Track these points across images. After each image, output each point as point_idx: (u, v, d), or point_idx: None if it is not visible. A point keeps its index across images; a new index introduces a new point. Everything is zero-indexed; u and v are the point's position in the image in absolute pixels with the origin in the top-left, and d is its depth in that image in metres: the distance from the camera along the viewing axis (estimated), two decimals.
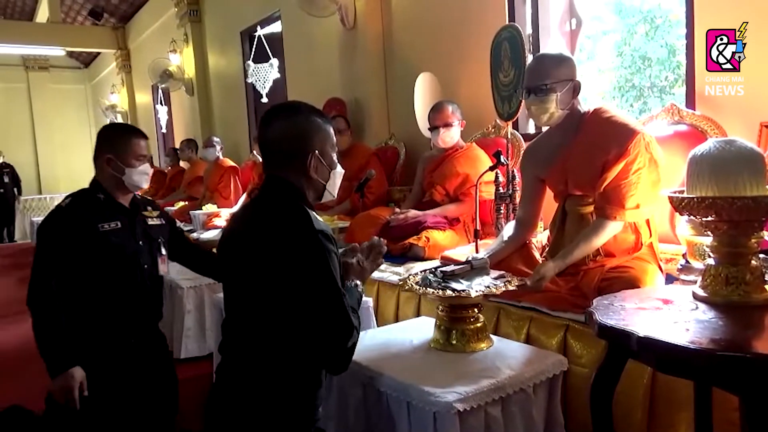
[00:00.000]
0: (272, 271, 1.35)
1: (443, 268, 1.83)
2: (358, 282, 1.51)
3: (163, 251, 2.06)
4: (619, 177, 1.92)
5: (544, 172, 2.18)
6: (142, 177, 2.01)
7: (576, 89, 2.01)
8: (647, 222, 2.04)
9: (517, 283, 1.82)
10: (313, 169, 1.45)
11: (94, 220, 1.90)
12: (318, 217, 1.40)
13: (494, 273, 1.87)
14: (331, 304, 1.32)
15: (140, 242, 1.98)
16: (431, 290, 1.72)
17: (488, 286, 1.74)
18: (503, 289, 1.75)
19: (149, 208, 2.11)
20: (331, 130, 1.50)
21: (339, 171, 1.54)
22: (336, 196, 1.59)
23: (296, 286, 1.32)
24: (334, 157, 1.52)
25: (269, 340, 1.38)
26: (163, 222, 2.11)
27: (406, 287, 1.81)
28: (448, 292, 1.70)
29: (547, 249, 2.23)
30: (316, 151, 1.44)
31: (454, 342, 1.73)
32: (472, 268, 1.82)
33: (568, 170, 2.07)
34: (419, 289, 1.75)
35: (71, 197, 1.96)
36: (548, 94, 1.97)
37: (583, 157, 2.01)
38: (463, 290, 1.70)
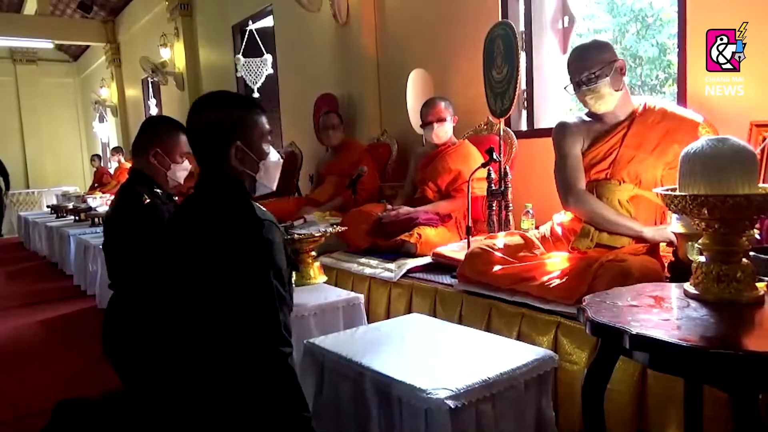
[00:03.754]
0: (211, 266, 1.30)
1: (284, 224, 2.45)
2: None
3: None
4: None
5: (586, 152, 2.17)
6: (183, 173, 2.07)
7: (622, 69, 2.06)
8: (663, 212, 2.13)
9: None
10: (237, 161, 1.40)
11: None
12: (260, 206, 1.36)
13: (324, 224, 2.61)
14: (263, 304, 1.27)
15: None
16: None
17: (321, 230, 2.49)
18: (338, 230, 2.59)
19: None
20: (261, 119, 1.45)
21: (273, 161, 1.48)
22: (274, 188, 1.54)
23: (233, 281, 1.27)
24: (265, 147, 1.47)
25: (215, 332, 1.31)
26: None
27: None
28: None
29: (587, 235, 2.13)
30: (239, 142, 1.40)
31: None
32: (305, 222, 2.59)
33: (620, 157, 2.09)
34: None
35: (145, 193, 1.94)
36: (599, 81, 2.02)
37: (645, 147, 2.07)
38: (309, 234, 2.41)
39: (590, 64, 2.03)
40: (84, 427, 1.64)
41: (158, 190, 2.00)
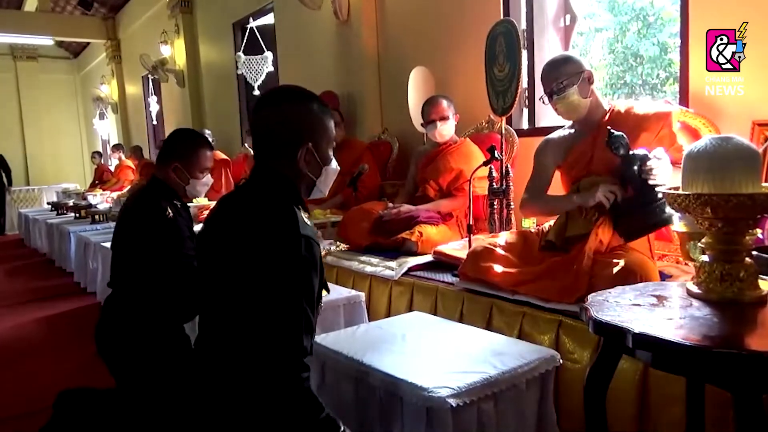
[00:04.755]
0: (247, 269, 1.26)
1: None
2: None
3: None
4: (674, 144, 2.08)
5: (564, 158, 2.28)
6: (203, 188, 2.13)
7: (590, 78, 2.17)
8: None
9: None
10: (303, 163, 1.36)
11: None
12: (306, 219, 1.32)
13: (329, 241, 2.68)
14: (289, 330, 1.22)
15: None
16: None
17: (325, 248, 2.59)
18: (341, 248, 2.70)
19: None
20: (331, 124, 1.42)
21: (333, 168, 1.46)
22: (327, 193, 1.52)
23: (263, 290, 1.24)
24: (330, 152, 1.44)
25: (239, 339, 1.28)
26: None
27: None
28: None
29: (547, 231, 2.23)
30: (310, 144, 1.36)
31: None
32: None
33: (595, 156, 2.17)
34: None
35: (168, 207, 1.98)
36: (566, 90, 2.14)
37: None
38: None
39: (558, 75, 2.16)
40: (87, 418, 1.64)
41: (178, 203, 2.04)
